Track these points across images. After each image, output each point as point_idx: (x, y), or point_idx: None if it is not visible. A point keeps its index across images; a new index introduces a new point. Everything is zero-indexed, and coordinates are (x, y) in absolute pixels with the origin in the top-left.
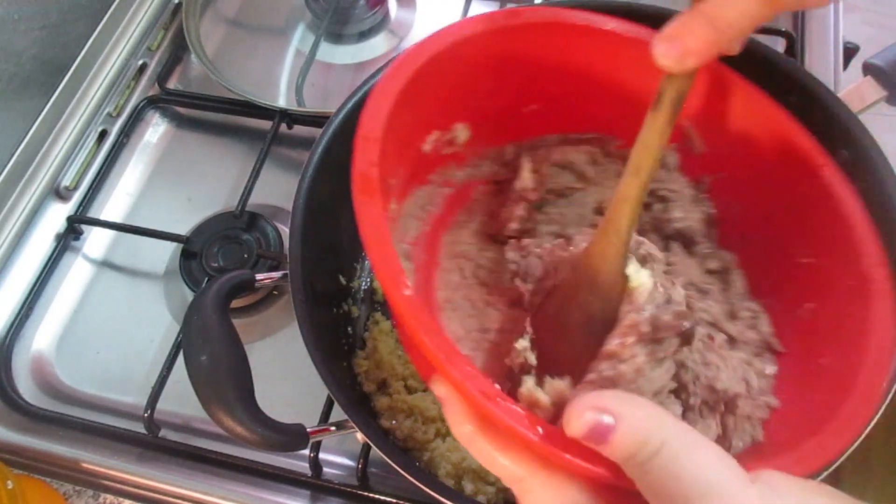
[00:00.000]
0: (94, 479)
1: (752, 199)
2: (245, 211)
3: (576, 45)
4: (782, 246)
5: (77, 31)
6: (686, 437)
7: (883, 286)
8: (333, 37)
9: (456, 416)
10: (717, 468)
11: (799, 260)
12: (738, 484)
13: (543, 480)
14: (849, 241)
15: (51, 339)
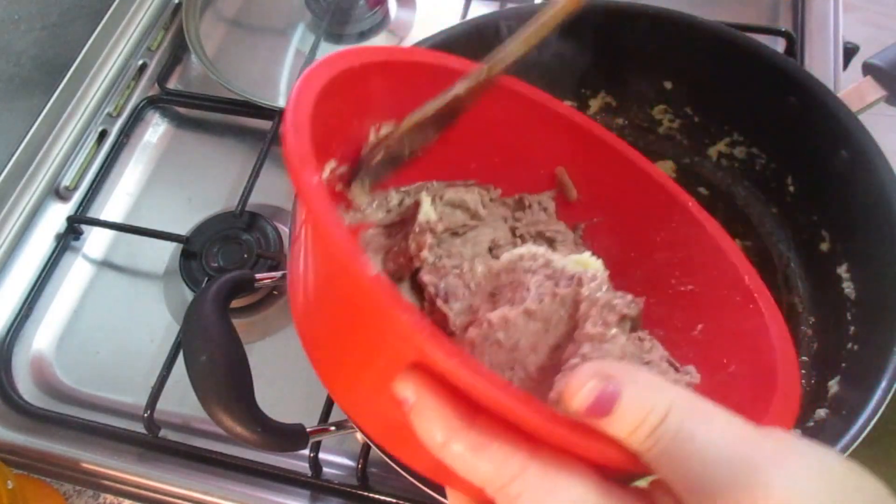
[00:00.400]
0: (94, 479)
1: (627, 240)
2: (245, 211)
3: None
4: (663, 279)
5: (77, 31)
6: (689, 397)
7: (766, 296)
8: (333, 37)
9: (428, 422)
10: (729, 429)
11: (681, 289)
12: (755, 444)
13: (538, 477)
14: (726, 265)
15: (51, 339)
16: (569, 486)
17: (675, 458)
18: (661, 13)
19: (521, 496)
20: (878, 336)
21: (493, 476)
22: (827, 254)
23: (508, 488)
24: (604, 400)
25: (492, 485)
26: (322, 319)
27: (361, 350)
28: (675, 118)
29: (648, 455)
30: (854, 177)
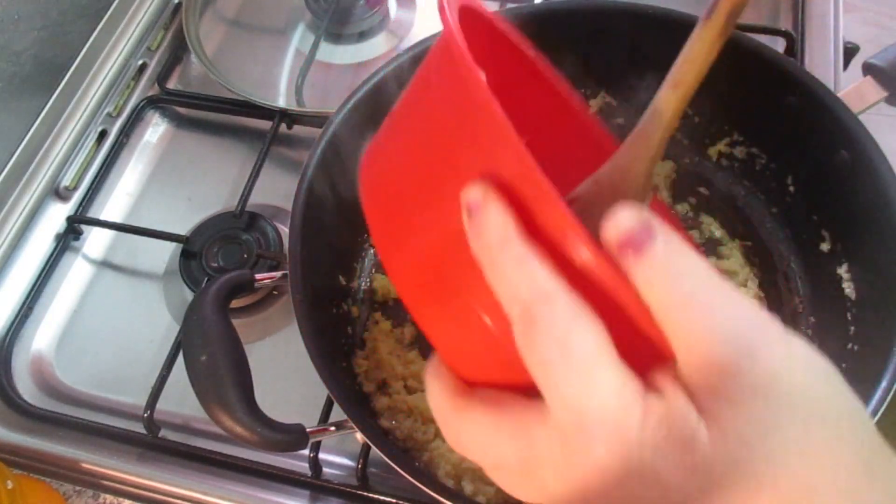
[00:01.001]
0: (93, 479)
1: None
2: (245, 211)
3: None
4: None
5: (77, 31)
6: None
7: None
8: (333, 37)
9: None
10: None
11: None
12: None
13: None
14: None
15: (51, 339)
16: (587, 331)
17: (689, 317)
18: (661, 13)
19: (541, 320)
20: (878, 336)
21: (526, 291)
22: (827, 254)
23: (534, 309)
24: (642, 237)
25: (519, 301)
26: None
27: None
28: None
29: (663, 307)
30: (854, 177)
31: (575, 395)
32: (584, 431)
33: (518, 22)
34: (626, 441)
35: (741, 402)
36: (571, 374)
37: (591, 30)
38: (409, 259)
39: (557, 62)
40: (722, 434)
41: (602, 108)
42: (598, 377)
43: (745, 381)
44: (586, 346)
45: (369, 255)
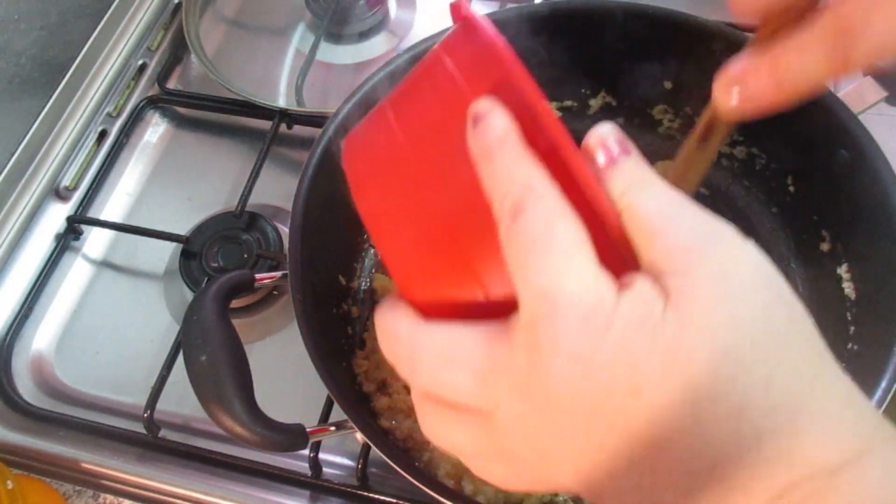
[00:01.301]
0: (93, 479)
1: None
2: (245, 211)
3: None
4: None
5: (77, 31)
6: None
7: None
8: (333, 37)
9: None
10: (712, 216)
11: None
12: (736, 231)
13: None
14: None
15: (51, 339)
16: (569, 224)
17: (655, 216)
18: (661, 13)
19: (529, 210)
20: (878, 336)
21: (519, 186)
22: (827, 254)
23: (523, 201)
24: (618, 150)
25: (511, 195)
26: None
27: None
28: (675, 118)
29: (632, 211)
30: (854, 177)
31: (550, 279)
32: (556, 317)
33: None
34: (598, 324)
35: (704, 275)
36: (549, 257)
37: (592, 29)
38: (393, 203)
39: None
40: (689, 304)
41: (602, 108)
42: (574, 262)
43: (706, 256)
44: (568, 237)
45: (369, 255)
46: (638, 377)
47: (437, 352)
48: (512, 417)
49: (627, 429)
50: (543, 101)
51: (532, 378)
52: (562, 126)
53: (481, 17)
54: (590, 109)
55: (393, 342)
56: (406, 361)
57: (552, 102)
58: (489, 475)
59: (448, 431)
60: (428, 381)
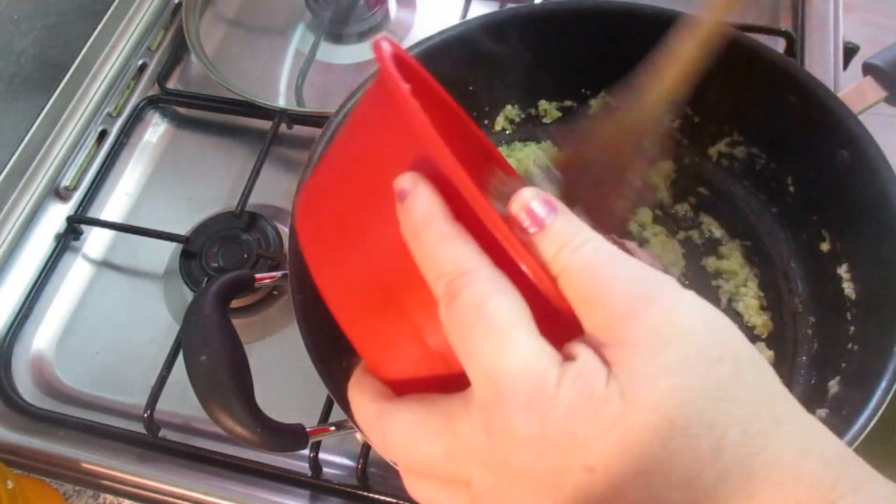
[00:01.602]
0: (93, 479)
1: None
2: (245, 211)
3: None
4: None
5: (77, 31)
6: (605, 241)
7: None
8: (333, 37)
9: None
10: (637, 266)
11: None
12: (673, 283)
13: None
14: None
15: (51, 339)
16: (505, 299)
17: (589, 280)
18: (661, 13)
19: (463, 291)
20: (878, 336)
21: (450, 266)
22: (827, 254)
23: (457, 282)
24: (545, 213)
25: (444, 275)
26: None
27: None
28: (675, 118)
29: (566, 275)
30: (854, 177)
31: (492, 361)
32: (502, 402)
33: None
34: (543, 405)
35: (643, 344)
36: (489, 339)
37: (591, 29)
38: (343, 274)
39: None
40: (630, 379)
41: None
42: (514, 342)
43: (643, 323)
44: (503, 313)
45: None
46: (590, 455)
47: (405, 435)
48: (486, 489)
49: (588, 501)
50: (461, 171)
51: (494, 456)
52: (482, 197)
53: (392, 66)
54: (590, 109)
55: (364, 427)
56: (380, 445)
57: (552, 103)
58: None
59: (434, 498)
60: (403, 460)
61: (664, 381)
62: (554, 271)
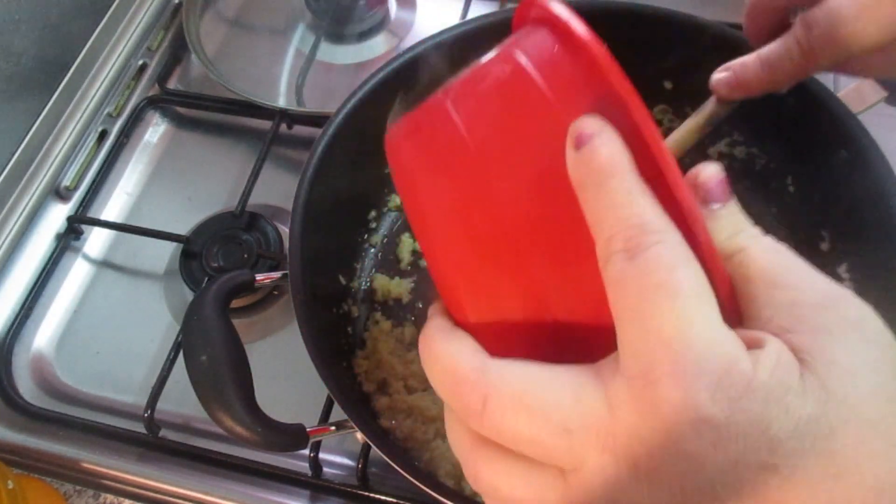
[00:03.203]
0: (94, 479)
1: None
2: (245, 211)
3: None
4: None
5: (77, 31)
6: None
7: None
8: (333, 37)
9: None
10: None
11: None
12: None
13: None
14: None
15: (51, 339)
16: (694, 274)
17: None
18: (661, 13)
19: (650, 250)
20: None
21: (635, 220)
22: (827, 254)
23: (644, 238)
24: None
25: (627, 229)
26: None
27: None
28: (675, 118)
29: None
30: (854, 177)
31: (677, 329)
32: (685, 376)
33: None
34: (737, 389)
35: (840, 335)
36: (676, 304)
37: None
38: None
39: None
40: (829, 371)
41: None
42: (702, 316)
43: (841, 315)
44: (693, 285)
45: (369, 255)
46: (776, 453)
47: (514, 398)
48: (599, 480)
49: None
50: (652, 124)
51: (639, 440)
52: (672, 156)
53: (566, 13)
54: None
55: (456, 382)
56: (473, 405)
57: None
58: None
59: (507, 484)
60: (499, 429)
61: (867, 378)
62: (728, 250)
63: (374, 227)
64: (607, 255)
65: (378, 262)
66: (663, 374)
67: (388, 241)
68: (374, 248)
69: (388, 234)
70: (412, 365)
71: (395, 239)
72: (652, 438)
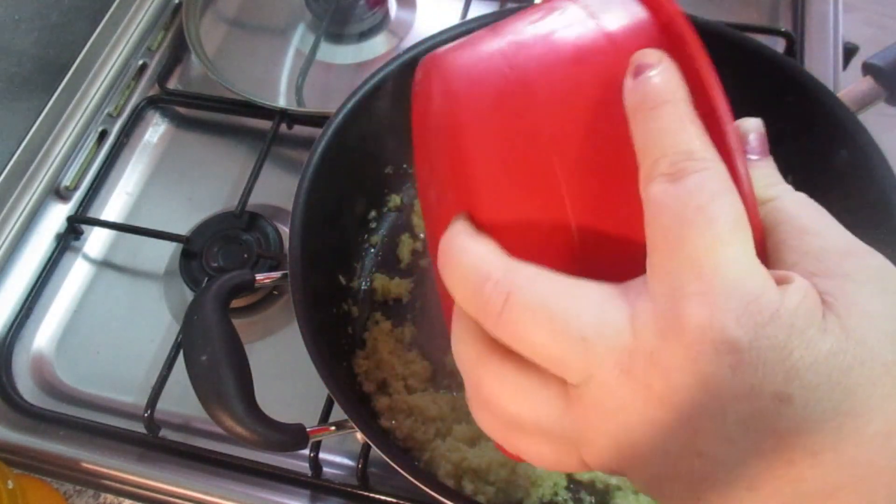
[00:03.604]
0: (94, 479)
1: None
2: (245, 211)
3: None
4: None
5: (77, 31)
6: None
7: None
8: (333, 37)
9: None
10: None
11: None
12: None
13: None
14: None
15: (51, 339)
16: (733, 205)
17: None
18: None
19: (693, 176)
20: None
21: (684, 147)
22: None
23: (690, 163)
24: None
25: (675, 154)
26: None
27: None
28: None
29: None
30: (854, 177)
31: (712, 255)
32: (715, 295)
33: None
34: (764, 315)
35: (865, 282)
36: (711, 230)
37: None
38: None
39: None
40: (850, 313)
41: None
42: (738, 244)
43: (866, 264)
44: (730, 218)
45: (369, 255)
46: (792, 383)
47: (537, 300)
48: (606, 397)
49: (756, 436)
50: (709, 63)
51: (656, 359)
52: (725, 98)
53: None
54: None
55: (479, 279)
56: (493, 304)
57: None
58: (528, 452)
59: (510, 395)
60: (515, 330)
61: (885, 323)
62: (763, 197)
63: (374, 227)
64: (651, 177)
65: (378, 262)
66: (691, 294)
67: (388, 241)
68: (374, 248)
69: (388, 234)
70: (412, 365)
71: (395, 239)
72: (671, 360)
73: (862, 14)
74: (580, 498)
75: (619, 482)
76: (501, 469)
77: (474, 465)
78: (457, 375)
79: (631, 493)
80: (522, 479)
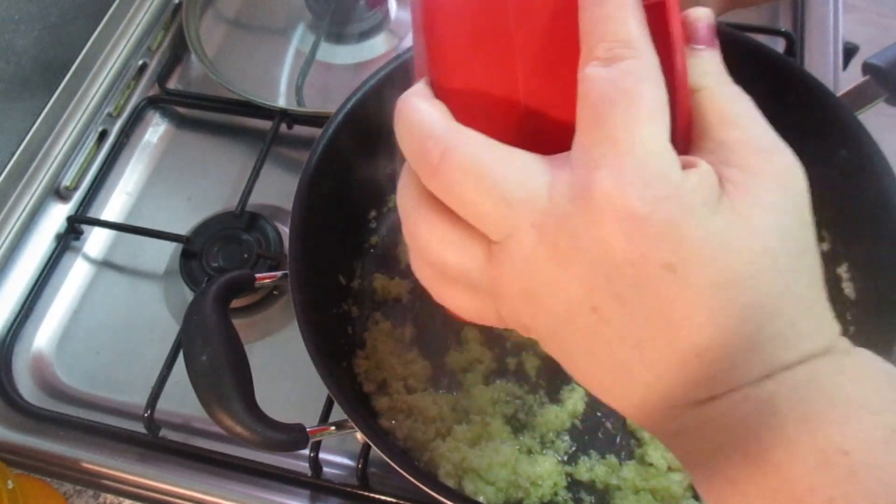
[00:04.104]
0: (94, 479)
1: None
2: (245, 211)
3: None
4: None
5: (77, 31)
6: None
7: None
8: (333, 37)
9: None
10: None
11: None
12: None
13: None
14: None
15: (51, 339)
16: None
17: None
18: None
19: (627, 61)
20: (878, 336)
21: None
22: (827, 254)
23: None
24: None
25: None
26: None
27: None
28: None
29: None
30: (854, 177)
31: (627, 134)
32: (621, 172)
33: None
34: (663, 191)
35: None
36: (631, 114)
37: None
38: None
39: None
40: (745, 202)
41: None
42: (652, 128)
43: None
44: (653, 101)
45: (369, 255)
46: (678, 254)
47: (469, 160)
48: (519, 254)
49: (643, 299)
50: None
51: (566, 221)
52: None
53: None
54: None
55: (422, 135)
56: (430, 159)
57: None
58: (452, 301)
59: (438, 243)
60: (447, 185)
61: (774, 216)
62: (697, 85)
63: (374, 227)
64: (588, 60)
65: (378, 262)
66: (603, 166)
67: (388, 241)
68: (374, 248)
69: (388, 234)
70: (412, 365)
71: (395, 239)
72: (577, 222)
73: (862, 14)
74: (580, 498)
75: (618, 482)
76: (501, 469)
77: (474, 465)
78: (457, 375)
79: (631, 493)
80: (522, 479)
